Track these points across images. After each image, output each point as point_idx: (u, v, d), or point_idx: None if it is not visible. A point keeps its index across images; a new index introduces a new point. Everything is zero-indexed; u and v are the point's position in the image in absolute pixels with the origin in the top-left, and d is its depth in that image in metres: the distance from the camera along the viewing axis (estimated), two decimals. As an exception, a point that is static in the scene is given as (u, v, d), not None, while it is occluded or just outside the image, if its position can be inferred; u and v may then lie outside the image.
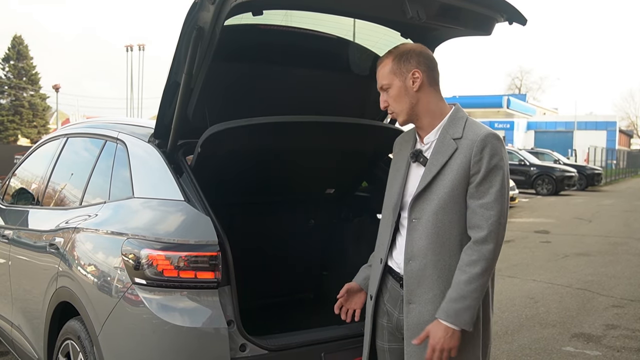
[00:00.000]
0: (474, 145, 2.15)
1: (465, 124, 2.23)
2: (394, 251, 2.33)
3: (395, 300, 2.30)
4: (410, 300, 2.20)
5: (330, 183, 3.80)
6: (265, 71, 3.10)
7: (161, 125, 2.86)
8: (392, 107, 2.29)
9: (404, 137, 2.45)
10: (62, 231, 3.16)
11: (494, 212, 2.12)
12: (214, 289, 2.44)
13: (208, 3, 2.39)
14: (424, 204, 2.20)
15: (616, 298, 6.77)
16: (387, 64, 2.28)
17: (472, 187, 2.16)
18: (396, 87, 2.25)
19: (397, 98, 2.26)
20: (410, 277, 2.21)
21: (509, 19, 2.76)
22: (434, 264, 2.17)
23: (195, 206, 2.57)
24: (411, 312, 2.20)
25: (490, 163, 2.14)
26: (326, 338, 2.69)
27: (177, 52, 2.62)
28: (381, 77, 2.29)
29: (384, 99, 2.30)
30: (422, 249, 2.19)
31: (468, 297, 2.09)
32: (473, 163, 2.15)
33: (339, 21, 3.01)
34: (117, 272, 2.58)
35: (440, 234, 2.17)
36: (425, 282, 2.18)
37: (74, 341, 2.83)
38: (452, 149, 2.19)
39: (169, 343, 2.40)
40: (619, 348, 5.04)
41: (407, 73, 2.24)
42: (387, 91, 2.28)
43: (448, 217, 2.17)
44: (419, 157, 2.27)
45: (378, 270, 2.36)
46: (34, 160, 4.36)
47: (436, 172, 2.18)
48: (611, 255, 9.64)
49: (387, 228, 2.34)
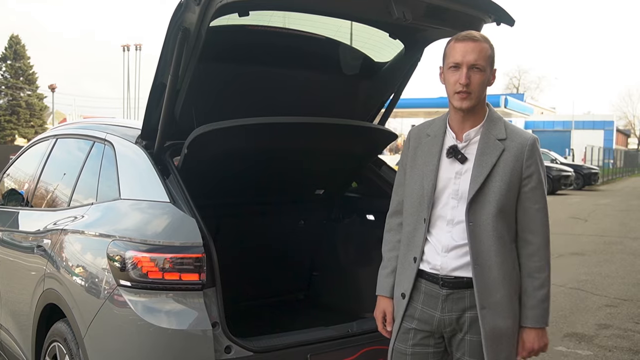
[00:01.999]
0: (525, 149, 2.21)
1: (505, 126, 2.27)
2: (426, 251, 2.28)
3: (435, 301, 2.26)
4: (483, 305, 2.21)
5: (320, 184, 3.80)
6: (253, 72, 3.09)
7: (148, 127, 2.86)
8: (474, 88, 2.18)
9: (425, 130, 2.36)
10: (49, 233, 3.16)
11: (546, 215, 2.26)
12: (199, 290, 2.43)
13: (193, 4, 2.39)
14: (479, 206, 2.20)
15: (609, 297, 6.77)
16: (487, 50, 2.20)
17: (527, 191, 2.22)
18: (486, 75, 2.20)
19: (483, 85, 2.21)
20: (478, 281, 2.21)
21: (497, 19, 2.76)
22: (498, 266, 2.20)
23: (181, 208, 2.56)
24: (485, 318, 2.20)
25: (540, 168, 2.24)
26: (312, 339, 2.69)
27: (163, 53, 2.62)
28: (479, 57, 2.17)
29: (470, 75, 2.16)
30: (486, 253, 2.20)
31: (545, 300, 2.24)
32: (525, 167, 2.20)
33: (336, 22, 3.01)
34: (103, 274, 2.57)
35: (501, 237, 2.20)
36: (492, 285, 2.21)
37: (60, 343, 2.82)
38: (499, 150, 2.20)
39: (154, 345, 2.40)
40: (610, 348, 5.04)
41: (493, 67, 2.25)
42: (477, 72, 2.18)
43: (506, 219, 2.21)
44: (457, 154, 2.24)
45: (412, 269, 2.29)
46: (24, 161, 4.35)
47: (487, 173, 2.19)
48: (606, 254, 9.64)
49: (420, 225, 2.28)
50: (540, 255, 2.24)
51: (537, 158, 2.23)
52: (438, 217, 2.26)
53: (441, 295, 2.25)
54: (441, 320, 2.26)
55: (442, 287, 2.24)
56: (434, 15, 2.64)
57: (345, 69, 3.32)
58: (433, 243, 2.26)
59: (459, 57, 2.17)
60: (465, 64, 2.16)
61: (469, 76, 2.16)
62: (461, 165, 2.24)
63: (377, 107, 3.61)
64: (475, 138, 2.25)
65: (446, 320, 2.26)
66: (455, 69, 2.18)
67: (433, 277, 2.26)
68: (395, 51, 3.25)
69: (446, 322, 2.26)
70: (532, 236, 2.24)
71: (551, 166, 24.11)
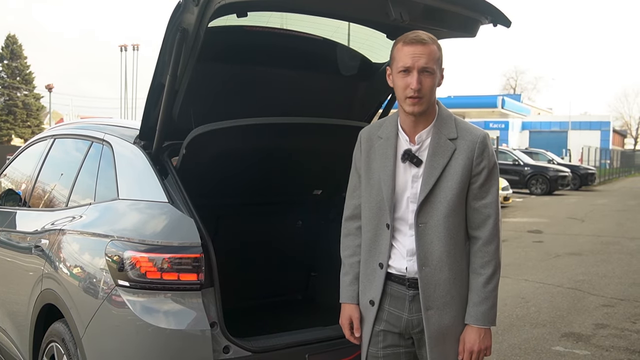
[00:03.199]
0: (475, 147, 2.19)
1: (455, 123, 2.25)
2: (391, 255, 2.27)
3: (402, 302, 2.27)
4: (428, 306, 2.20)
5: (318, 184, 3.80)
6: (251, 73, 3.10)
7: (146, 127, 2.86)
8: (425, 92, 2.15)
9: (376, 132, 2.33)
10: (47, 233, 3.16)
11: (494, 210, 2.22)
12: (197, 290, 2.44)
13: (192, 5, 2.39)
14: (429, 207, 2.19)
15: (607, 297, 6.80)
16: (436, 51, 2.17)
17: (475, 188, 2.21)
18: (436, 77, 2.18)
19: (433, 88, 2.18)
20: (426, 282, 2.20)
21: (493, 21, 2.77)
22: (449, 267, 2.20)
23: (180, 208, 2.57)
24: (431, 319, 2.20)
25: (490, 164, 2.22)
26: (311, 339, 2.69)
27: (161, 53, 2.62)
28: (429, 59, 2.14)
29: (420, 79, 2.13)
30: (436, 254, 2.19)
31: (490, 297, 2.20)
32: (475, 165, 2.19)
33: (334, 23, 3.01)
34: (102, 274, 2.57)
35: (452, 237, 2.20)
36: (442, 286, 2.20)
37: (58, 344, 2.82)
38: (451, 150, 2.20)
39: (152, 345, 2.40)
40: (607, 347, 5.06)
41: (441, 68, 2.24)
42: (428, 76, 2.15)
43: (457, 219, 2.21)
44: (412, 158, 2.22)
45: (380, 275, 2.27)
46: (21, 161, 4.35)
47: (438, 174, 2.18)
48: (603, 254, 9.67)
49: (383, 231, 2.26)
50: (485, 251, 2.20)
51: (487, 154, 2.21)
52: (400, 222, 2.25)
53: (407, 296, 2.26)
54: (409, 322, 2.27)
55: (408, 288, 2.25)
56: (430, 16, 2.65)
57: (343, 70, 3.32)
58: (398, 248, 2.26)
59: (409, 61, 2.14)
60: (416, 69, 2.13)
61: (420, 80, 2.13)
62: (417, 169, 2.23)
63: (374, 108, 3.62)
64: (427, 139, 2.23)
65: (414, 321, 2.26)
66: (406, 73, 2.15)
67: (400, 278, 2.26)
68: (392, 52, 3.26)
69: (414, 322, 2.26)
70: (478, 232, 2.22)
71: (548, 166, 24.16)
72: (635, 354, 4.92)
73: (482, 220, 2.22)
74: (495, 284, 2.22)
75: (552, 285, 7.37)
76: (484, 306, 2.19)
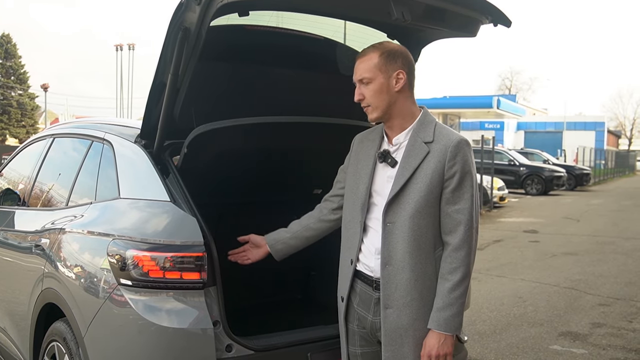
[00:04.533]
0: (448, 150, 2.19)
1: (435, 128, 2.26)
2: (361, 253, 2.32)
3: (368, 303, 2.31)
4: (387, 304, 2.22)
5: (318, 183, 3.80)
6: (252, 72, 3.10)
7: (147, 126, 2.85)
8: (369, 101, 2.27)
9: (367, 136, 2.44)
10: (48, 232, 3.15)
11: (467, 217, 2.19)
12: (200, 289, 2.44)
13: (194, 4, 2.39)
14: (398, 207, 2.21)
15: (603, 297, 6.83)
16: (373, 58, 2.27)
17: (447, 192, 2.20)
18: (378, 83, 2.25)
19: (377, 94, 2.25)
20: (387, 281, 2.22)
21: (494, 21, 2.78)
22: (411, 267, 2.19)
23: (182, 207, 2.57)
24: (389, 317, 2.22)
25: (464, 169, 2.20)
26: (312, 338, 2.70)
27: (163, 52, 2.62)
28: (363, 70, 2.27)
29: (361, 91, 2.29)
30: (399, 253, 2.20)
31: (455, 304, 2.17)
32: (447, 168, 2.19)
33: (328, 22, 3.01)
34: (103, 273, 2.57)
35: (417, 238, 2.19)
36: (402, 286, 2.20)
37: (59, 343, 2.82)
38: (424, 152, 2.21)
39: (155, 344, 2.40)
40: (604, 346, 5.09)
41: (392, 72, 2.26)
42: (367, 85, 2.27)
43: (424, 221, 2.20)
44: (387, 158, 2.28)
45: (348, 272, 2.35)
46: (20, 160, 4.34)
47: (409, 175, 2.20)
48: (599, 254, 9.71)
49: (356, 228, 2.32)
50: (454, 257, 2.18)
51: (461, 159, 2.19)
52: (374, 220, 2.29)
53: (373, 298, 2.29)
54: (373, 323, 2.30)
55: (374, 290, 2.28)
56: (432, 16, 2.66)
57: (344, 70, 3.32)
58: (367, 245, 2.31)
59: (354, 77, 2.33)
60: (357, 82, 2.31)
61: (360, 92, 2.29)
62: (392, 169, 2.27)
63: (374, 107, 3.62)
64: (404, 142, 2.28)
65: (377, 323, 2.28)
66: None
67: (368, 279, 2.30)
68: (393, 52, 3.27)
69: (377, 325, 2.28)
70: (449, 237, 2.20)
71: (544, 167, 24.23)
72: (632, 352, 4.94)
73: (454, 226, 2.19)
74: (462, 292, 2.18)
75: (548, 284, 7.40)
76: (447, 312, 2.16)
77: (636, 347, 5.07)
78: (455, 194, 2.19)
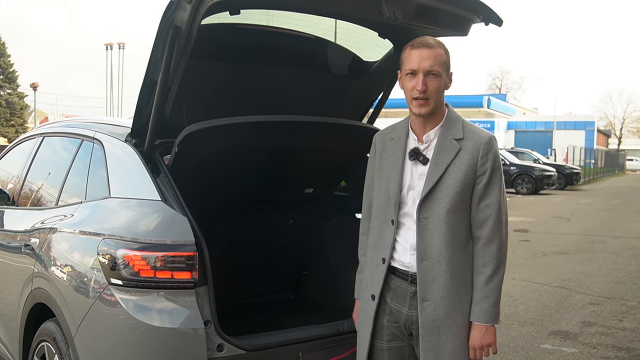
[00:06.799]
0: (480, 147, 2.24)
1: (463, 125, 2.31)
2: (395, 252, 2.34)
3: (403, 297, 2.33)
4: (424, 298, 2.26)
5: (309, 182, 3.81)
6: (243, 70, 3.09)
7: (138, 125, 2.85)
8: (430, 94, 2.24)
9: (389, 134, 2.44)
10: (37, 232, 3.13)
11: (496, 211, 2.25)
12: (191, 289, 2.43)
13: (185, 2, 2.39)
14: (432, 203, 2.25)
15: (593, 296, 6.87)
16: (441, 55, 2.26)
17: (479, 188, 2.26)
18: (442, 80, 2.27)
19: (438, 90, 2.26)
20: (423, 275, 2.26)
21: (485, 20, 2.79)
22: (447, 261, 2.24)
23: (173, 206, 2.56)
24: (426, 310, 2.26)
25: (494, 165, 2.26)
26: (304, 338, 2.70)
27: (154, 51, 2.61)
28: (434, 62, 2.23)
29: (426, 81, 2.22)
30: (435, 248, 2.25)
31: (491, 295, 2.25)
32: (480, 165, 2.24)
33: (319, 21, 3.01)
34: (94, 272, 2.56)
35: (452, 233, 2.25)
36: (439, 279, 2.25)
37: (49, 343, 2.80)
38: (456, 149, 2.26)
39: (146, 344, 2.39)
40: (595, 345, 5.12)
41: (449, 72, 2.31)
42: (434, 79, 2.23)
43: (458, 216, 2.25)
44: (419, 156, 2.30)
45: (381, 270, 2.35)
46: (9, 159, 4.30)
47: (442, 172, 2.25)
48: (589, 253, 9.77)
49: (388, 227, 2.33)
50: (485, 251, 2.26)
51: (492, 156, 2.26)
52: (406, 218, 2.32)
53: (409, 292, 2.31)
54: (408, 317, 2.31)
55: (410, 284, 2.30)
56: (424, 15, 2.66)
57: (335, 68, 3.33)
58: (402, 243, 2.32)
59: (415, 64, 2.23)
60: (421, 71, 2.22)
61: (425, 82, 2.22)
62: (424, 167, 2.30)
63: (366, 106, 3.63)
64: (434, 139, 2.31)
65: (413, 316, 2.30)
66: (412, 76, 2.25)
67: (403, 273, 2.32)
68: (384, 51, 3.27)
69: (413, 318, 2.30)
70: (479, 232, 2.27)
71: (534, 166, 24.35)
72: (622, 351, 4.98)
73: (483, 220, 2.26)
74: (496, 283, 2.26)
75: (539, 283, 7.44)
76: (485, 304, 2.25)
77: (626, 346, 5.10)
78: (487, 189, 2.25)
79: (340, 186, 4.01)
